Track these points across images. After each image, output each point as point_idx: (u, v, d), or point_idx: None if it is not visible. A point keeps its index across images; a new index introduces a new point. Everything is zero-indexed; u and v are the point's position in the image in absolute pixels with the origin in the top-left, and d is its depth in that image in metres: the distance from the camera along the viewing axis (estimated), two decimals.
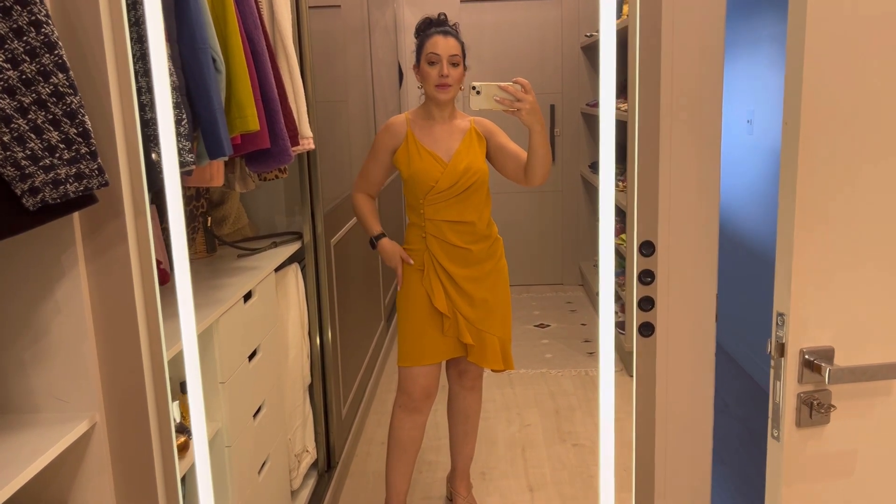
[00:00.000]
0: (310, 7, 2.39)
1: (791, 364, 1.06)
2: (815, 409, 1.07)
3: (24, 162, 0.99)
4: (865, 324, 1.07)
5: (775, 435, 1.10)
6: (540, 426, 3.18)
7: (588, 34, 4.89)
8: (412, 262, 2.24)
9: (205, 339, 1.75)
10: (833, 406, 1.07)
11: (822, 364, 1.04)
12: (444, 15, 2.23)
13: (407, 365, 2.28)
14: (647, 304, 1.26)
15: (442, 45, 2.12)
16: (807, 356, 1.06)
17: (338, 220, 2.84)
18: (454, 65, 2.13)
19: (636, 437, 1.34)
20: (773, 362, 1.09)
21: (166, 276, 1.82)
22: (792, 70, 1.02)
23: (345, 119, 3.13)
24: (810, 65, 1.00)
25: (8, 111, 0.98)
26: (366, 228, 2.34)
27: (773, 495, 1.11)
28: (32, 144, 1.00)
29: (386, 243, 2.28)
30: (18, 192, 0.99)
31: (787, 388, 1.07)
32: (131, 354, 1.24)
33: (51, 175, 1.01)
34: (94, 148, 1.06)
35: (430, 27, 2.19)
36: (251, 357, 2.00)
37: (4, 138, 0.97)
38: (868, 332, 1.07)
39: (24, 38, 0.99)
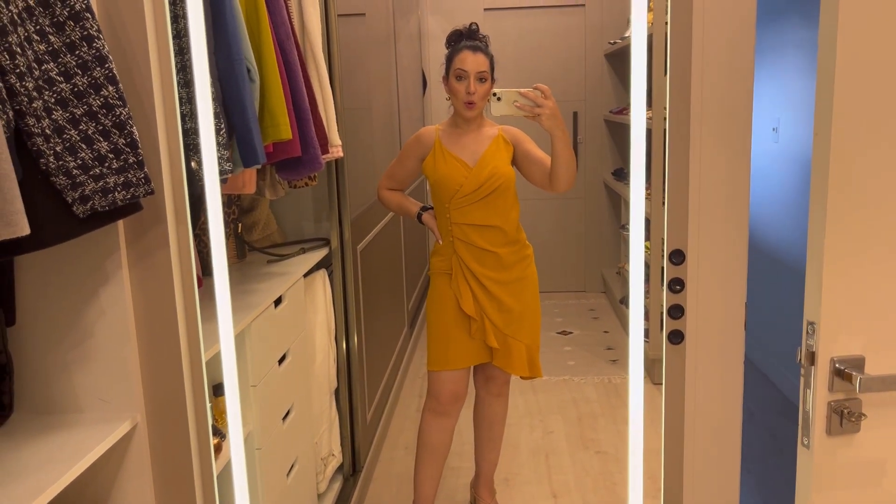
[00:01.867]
0: (338, 15, 2.43)
1: (821, 372, 1.07)
2: (845, 418, 1.08)
3: (75, 171, 1.03)
4: None
5: (805, 443, 1.11)
6: (563, 433, 3.18)
7: (611, 41, 4.89)
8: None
9: (237, 342, 1.78)
10: (864, 415, 1.08)
11: (853, 373, 1.05)
12: (476, 25, 2.24)
13: (435, 369, 2.31)
14: (676, 311, 1.28)
15: (470, 61, 2.15)
16: (837, 365, 1.07)
17: (364, 227, 2.88)
18: (482, 80, 2.16)
19: (665, 442, 1.35)
20: (802, 370, 1.10)
21: (199, 282, 1.86)
22: (823, 80, 1.03)
23: (370, 126, 3.17)
24: (841, 75, 1.01)
25: (61, 122, 1.02)
26: (406, 212, 2.43)
27: (803, 503, 1.12)
28: (83, 154, 1.04)
29: (427, 217, 2.39)
30: (69, 200, 1.03)
31: (818, 397, 1.08)
32: (171, 357, 1.28)
33: (100, 184, 1.05)
34: (140, 158, 1.10)
35: (459, 40, 2.21)
36: (281, 361, 2.04)
37: (57, 148, 1.01)
38: None
39: (77, 52, 1.03)
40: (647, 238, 3.93)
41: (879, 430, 1.09)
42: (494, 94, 2.01)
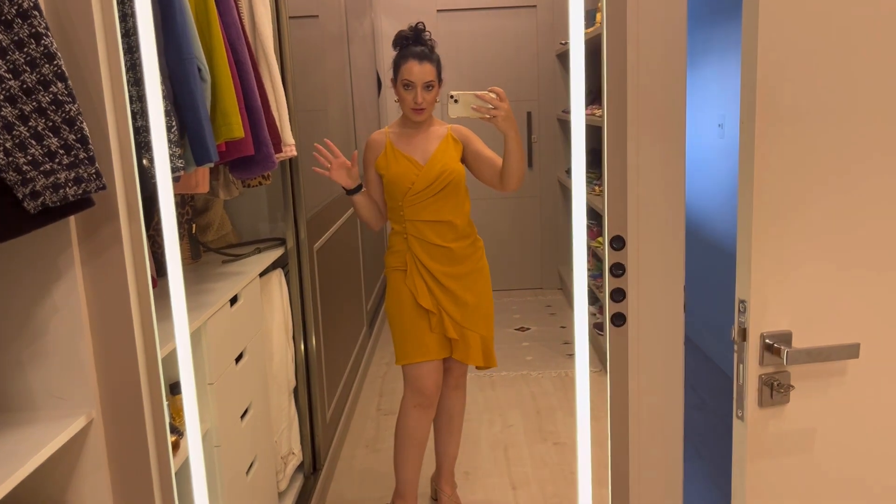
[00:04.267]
0: (289, 17, 2.45)
1: (752, 347, 1.14)
2: (775, 390, 1.14)
3: (25, 167, 1.04)
4: (820, 308, 1.15)
5: (739, 415, 1.17)
6: (522, 426, 3.24)
7: (563, 42, 4.99)
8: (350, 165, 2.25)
9: (194, 340, 1.79)
10: (792, 386, 1.15)
11: (781, 347, 1.12)
12: (423, 25, 2.28)
13: (415, 361, 2.35)
14: (618, 295, 1.34)
15: (417, 72, 2.19)
16: (767, 340, 1.14)
17: (320, 226, 2.89)
18: (429, 88, 2.21)
19: (611, 418, 1.41)
20: (736, 346, 1.17)
21: (154, 282, 1.86)
22: (747, 70, 1.10)
23: (326, 127, 3.19)
24: (763, 66, 1.08)
25: (10, 119, 1.03)
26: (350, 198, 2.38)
27: (739, 472, 1.19)
28: (33, 150, 1.05)
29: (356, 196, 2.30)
30: (20, 196, 1.04)
31: (749, 370, 1.14)
32: (126, 353, 1.29)
33: (51, 179, 1.06)
34: (91, 153, 1.11)
35: (406, 45, 2.24)
36: (238, 360, 2.05)
37: (6, 145, 1.02)
38: (823, 316, 1.15)
39: (25, 49, 1.04)
40: (600, 234, 4.02)
41: (807, 400, 1.16)
42: (451, 97, 2.06)
